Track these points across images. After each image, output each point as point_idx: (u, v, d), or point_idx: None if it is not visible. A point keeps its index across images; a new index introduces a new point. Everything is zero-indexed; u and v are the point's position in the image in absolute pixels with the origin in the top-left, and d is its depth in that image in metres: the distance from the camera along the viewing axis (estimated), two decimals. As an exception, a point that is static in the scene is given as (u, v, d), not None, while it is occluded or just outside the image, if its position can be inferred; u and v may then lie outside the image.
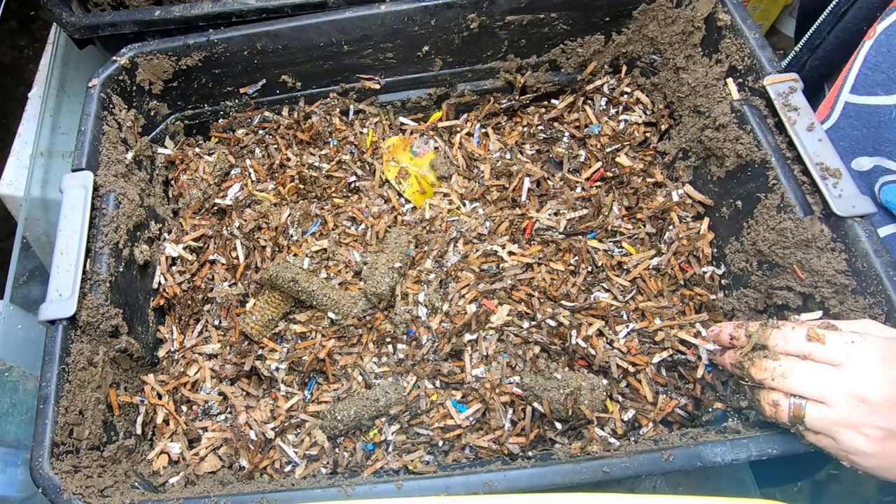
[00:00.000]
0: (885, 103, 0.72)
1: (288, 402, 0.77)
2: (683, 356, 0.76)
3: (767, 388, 0.57)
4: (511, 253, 0.83)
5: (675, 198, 0.87)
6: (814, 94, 0.88)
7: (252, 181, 0.92)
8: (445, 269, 0.83)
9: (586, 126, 0.95)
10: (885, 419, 0.50)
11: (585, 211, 0.87)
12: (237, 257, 0.86)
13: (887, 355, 0.52)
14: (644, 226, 0.86)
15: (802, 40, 0.88)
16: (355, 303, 0.81)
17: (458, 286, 0.81)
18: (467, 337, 0.78)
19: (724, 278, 0.82)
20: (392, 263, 0.80)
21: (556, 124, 0.97)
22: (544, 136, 0.96)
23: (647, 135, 0.94)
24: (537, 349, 0.77)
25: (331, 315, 0.80)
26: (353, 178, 0.92)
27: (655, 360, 0.76)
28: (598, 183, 0.91)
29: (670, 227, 0.85)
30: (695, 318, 0.78)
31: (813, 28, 0.86)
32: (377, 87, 0.96)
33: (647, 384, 0.75)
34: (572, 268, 0.82)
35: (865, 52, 0.73)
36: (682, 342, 0.76)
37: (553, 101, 0.99)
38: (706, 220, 0.85)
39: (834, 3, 0.82)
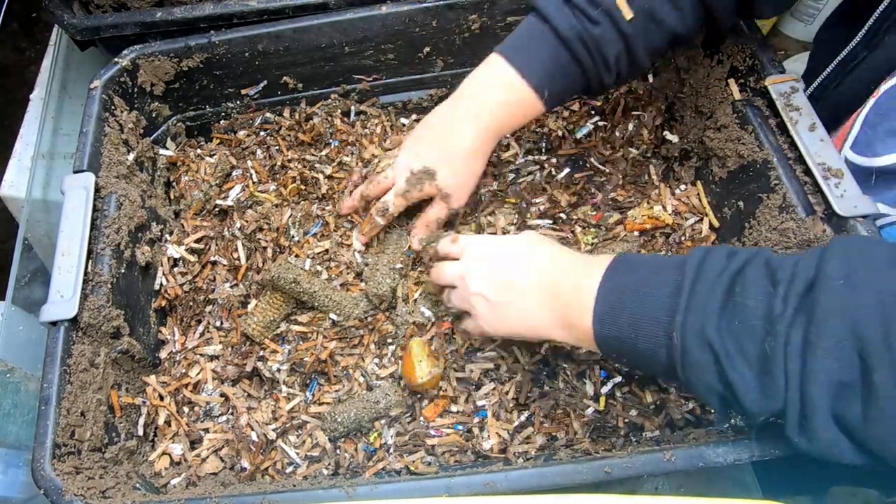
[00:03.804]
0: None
1: (289, 404, 0.77)
2: None
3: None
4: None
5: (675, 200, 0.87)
6: None
7: (253, 182, 0.92)
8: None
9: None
10: (484, 289, 0.66)
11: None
12: (238, 258, 0.86)
13: (485, 254, 0.68)
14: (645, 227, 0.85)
15: (810, 88, 0.87)
16: (357, 304, 0.80)
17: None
18: (469, 338, 0.78)
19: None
20: (393, 264, 0.80)
21: (557, 125, 0.97)
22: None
23: (648, 135, 0.93)
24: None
25: (332, 316, 0.80)
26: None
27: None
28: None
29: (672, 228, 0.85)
30: None
31: (818, 81, 0.85)
32: (378, 88, 0.96)
33: (650, 391, 0.75)
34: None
35: (866, 111, 0.74)
36: None
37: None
38: (706, 221, 0.85)
39: (840, 57, 0.81)
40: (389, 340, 0.80)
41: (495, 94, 0.71)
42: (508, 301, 0.64)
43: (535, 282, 0.62)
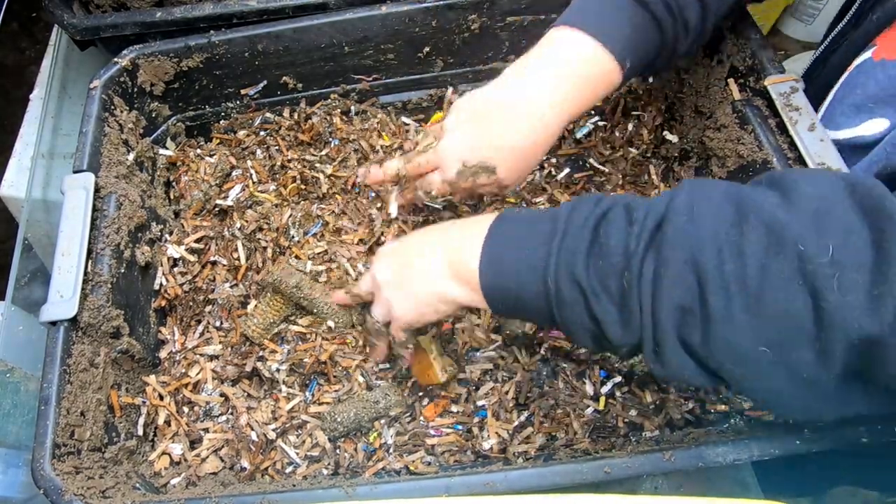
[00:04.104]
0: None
1: (289, 404, 0.77)
2: None
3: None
4: None
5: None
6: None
7: (253, 182, 0.92)
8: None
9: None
10: (389, 276, 0.67)
11: None
12: (238, 258, 0.86)
13: (387, 251, 0.69)
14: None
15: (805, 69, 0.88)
16: (352, 313, 0.80)
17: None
18: (468, 338, 0.78)
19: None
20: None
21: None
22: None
23: (648, 135, 0.94)
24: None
25: (329, 323, 0.80)
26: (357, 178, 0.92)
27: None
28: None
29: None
30: None
31: (810, 61, 0.85)
32: (378, 88, 0.96)
33: (650, 391, 0.75)
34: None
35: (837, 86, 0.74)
36: None
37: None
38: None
39: (831, 37, 0.82)
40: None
41: (571, 70, 0.63)
42: (410, 278, 0.64)
43: (431, 250, 0.63)
